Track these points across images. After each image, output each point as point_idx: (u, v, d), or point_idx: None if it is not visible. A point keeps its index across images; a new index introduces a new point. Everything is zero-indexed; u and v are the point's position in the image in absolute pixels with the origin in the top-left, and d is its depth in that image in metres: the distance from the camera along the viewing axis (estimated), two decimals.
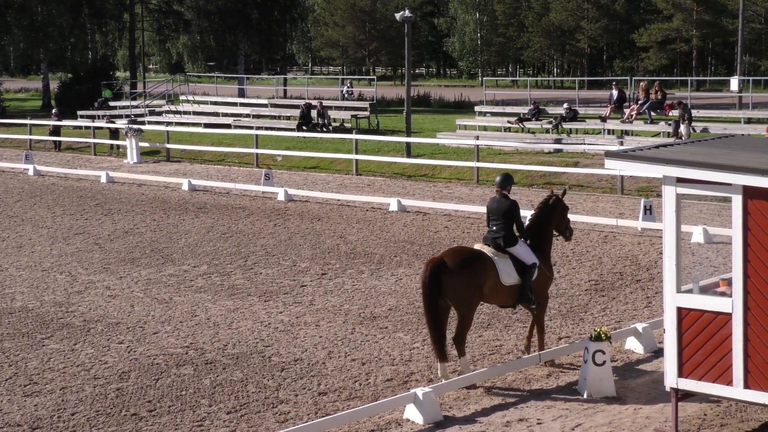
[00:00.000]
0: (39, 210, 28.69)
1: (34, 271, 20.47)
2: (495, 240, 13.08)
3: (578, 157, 34.19)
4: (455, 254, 12.80)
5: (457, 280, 12.44)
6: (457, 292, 12.50)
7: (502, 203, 13.22)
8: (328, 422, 11.38)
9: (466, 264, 12.59)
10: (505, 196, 13.30)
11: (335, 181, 34.04)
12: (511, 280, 12.95)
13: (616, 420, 11.57)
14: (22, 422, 11.95)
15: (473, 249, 13.18)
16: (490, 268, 12.75)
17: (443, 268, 12.47)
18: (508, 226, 13.11)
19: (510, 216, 13.13)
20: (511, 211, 13.14)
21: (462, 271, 12.50)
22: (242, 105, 53.96)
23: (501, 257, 12.94)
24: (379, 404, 11.96)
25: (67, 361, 14.35)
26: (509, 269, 12.92)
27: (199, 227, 25.23)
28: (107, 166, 39.36)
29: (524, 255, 13.10)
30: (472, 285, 12.57)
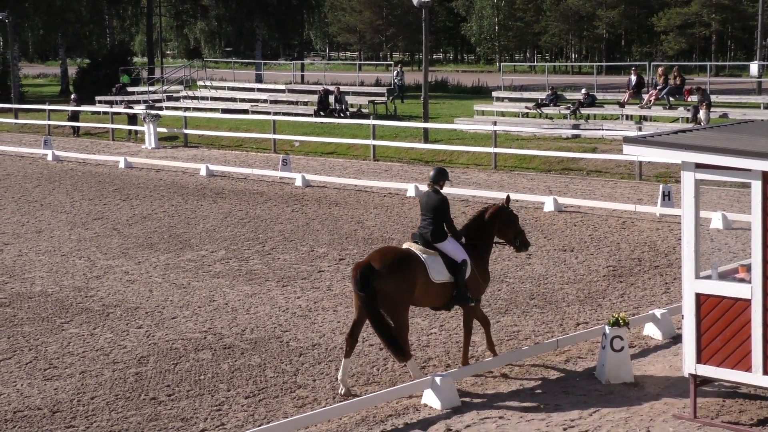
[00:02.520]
0: (58, 195, 28.80)
1: (53, 255, 20.56)
2: (423, 236, 12.59)
3: (596, 142, 34.07)
4: (382, 256, 12.21)
5: (389, 285, 11.88)
6: (391, 296, 11.92)
7: (431, 198, 12.73)
8: (346, 407, 11.41)
9: (395, 265, 12.04)
10: (436, 191, 12.81)
11: (353, 166, 34.04)
12: (441, 277, 12.38)
13: (635, 406, 11.56)
14: (42, 405, 12.03)
15: (400, 249, 12.67)
16: (419, 267, 12.21)
17: (371, 271, 11.86)
18: (436, 221, 12.61)
19: (439, 211, 12.62)
20: (439, 207, 12.62)
21: (392, 273, 11.94)
22: (260, 90, 53.94)
23: (430, 254, 12.42)
24: (396, 389, 11.98)
25: (86, 345, 14.42)
26: (439, 266, 12.37)
27: (217, 212, 25.29)
28: (125, 151, 39.47)
29: (453, 251, 12.57)
30: (403, 288, 12.02)
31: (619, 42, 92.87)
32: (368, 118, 38.91)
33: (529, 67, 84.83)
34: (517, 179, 30.16)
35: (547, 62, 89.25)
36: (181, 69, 64.25)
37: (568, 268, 18.60)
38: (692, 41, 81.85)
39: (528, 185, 28.84)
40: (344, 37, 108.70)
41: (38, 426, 11.41)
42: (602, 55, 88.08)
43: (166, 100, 53.17)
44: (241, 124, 43.68)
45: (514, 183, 29.31)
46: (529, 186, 28.68)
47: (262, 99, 50.86)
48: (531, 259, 19.34)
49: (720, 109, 36.08)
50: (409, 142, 36.10)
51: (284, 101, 50.19)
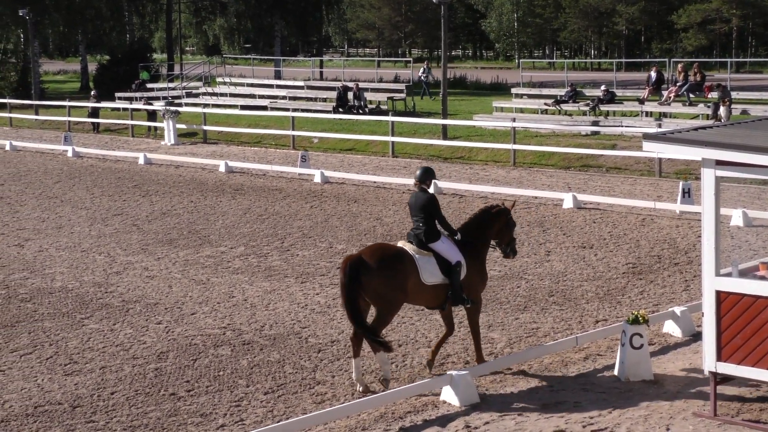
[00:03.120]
0: (78, 191, 28.92)
1: (73, 251, 20.65)
2: (417, 236, 12.41)
3: (616, 139, 33.97)
4: (374, 251, 12.10)
5: (377, 280, 11.79)
6: (378, 292, 11.83)
7: (419, 197, 12.56)
8: (365, 403, 11.42)
9: (386, 262, 11.92)
10: (423, 190, 12.66)
11: (371, 163, 34.05)
12: (433, 279, 12.22)
13: (654, 404, 11.52)
14: (63, 400, 12.09)
15: (394, 246, 12.53)
16: (410, 267, 12.07)
17: (362, 265, 11.79)
18: (428, 220, 12.42)
19: (428, 210, 12.43)
20: (429, 205, 12.45)
21: (382, 269, 11.83)
22: (278, 87, 54.03)
23: (423, 255, 12.25)
24: (415, 386, 11.98)
25: (106, 340, 14.48)
26: (432, 267, 12.21)
27: (236, 209, 25.34)
28: (145, 147, 39.58)
29: (447, 252, 12.40)
30: (392, 284, 11.91)
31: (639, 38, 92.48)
32: (387, 114, 38.88)
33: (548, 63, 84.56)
34: (536, 176, 30.10)
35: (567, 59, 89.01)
36: (201, 65, 64.40)
37: (588, 265, 18.55)
38: (713, 37, 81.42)
39: (547, 182, 28.77)
40: (363, 34, 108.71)
41: (59, 421, 11.47)
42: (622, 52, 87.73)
43: (186, 97, 53.30)
44: (260, 121, 43.74)
45: (533, 180, 29.26)
46: (548, 183, 28.61)
47: (281, 95, 50.93)
48: (550, 256, 19.31)
49: (740, 106, 35.91)
50: (428, 139, 36.08)
51: (303, 98, 50.26)
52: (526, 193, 26.14)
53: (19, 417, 11.59)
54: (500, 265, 18.54)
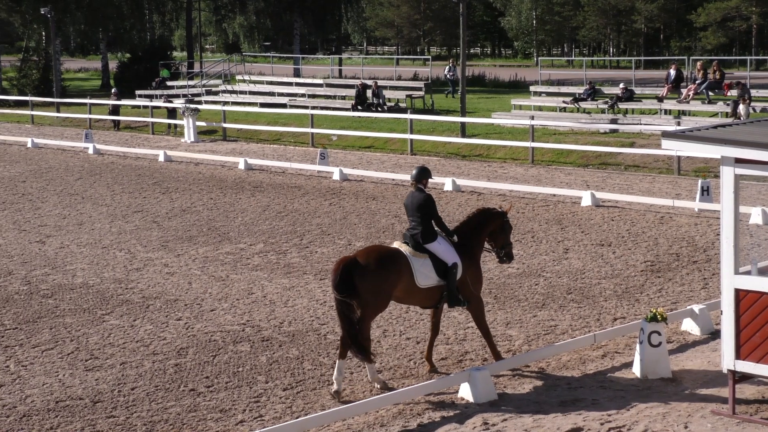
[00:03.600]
0: (99, 188, 29.03)
1: (94, 248, 20.74)
2: (413, 236, 12.31)
3: (634, 137, 33.86)
4: (369, 253, 11.99)
5: (371, 282, 11.69)
6: (370, 294, 11.73)
7: (416, 197, 12.47)
8: (383, 400, 11.43)
9: (380, 264, 11.81)
10: (420, 189, 12.55)
11: (390, 160, 34.04)
12: (428, 281, 12.13)
13: (672, 401, 11.49)
14: (84, 396, 12.15)
15: (389, 248, 12.38)
16: (404, 270, 11.97)
17: (355, 267, 11.70)
18: (424, 221, 12.34)
19: (425, 210, 12.35)
20: (425, 205, 12.36)
21: (374, 272, 11.73)
22: (298, 85, 54.07)
23: (419, 257, 12.15)
24: (433, 383, 12.00)
25: (126, 336, 14.54)
26: (427, 270, 12.10)
27: (255, 206, 25.39)
28: (165, 145, 39.70)
29: (444, 253, 12.28)
30: (382, 288, 11.82)
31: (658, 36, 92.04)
32: (405, 112, 38.86)
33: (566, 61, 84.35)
34: (554, 174, 30.04)
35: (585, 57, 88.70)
36: (220, 63, 64.51)
37: (606, 263, 18.51)
38: (732, 35, 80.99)
39: (565, 180, 28.71)
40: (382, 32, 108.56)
41: (80, 415, 11.53)
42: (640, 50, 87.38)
43: (205, 94, 53.42)
44: (279, 118, 43.81)
45: (551, 177, 29.20)
46: (566, 180, 28.55)
47: (300, 93, 50.97)
48: (568, 254, 19.28)
49: (760, 104, 35.75)
50: (447, 137, 36.05)
51: (322, 95, 50.28)
52: (544, 191, 26.10)
53: (41, 412, 11.66)
54: (519, 263, 18.52)
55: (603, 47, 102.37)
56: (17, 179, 31.28)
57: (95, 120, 48.42)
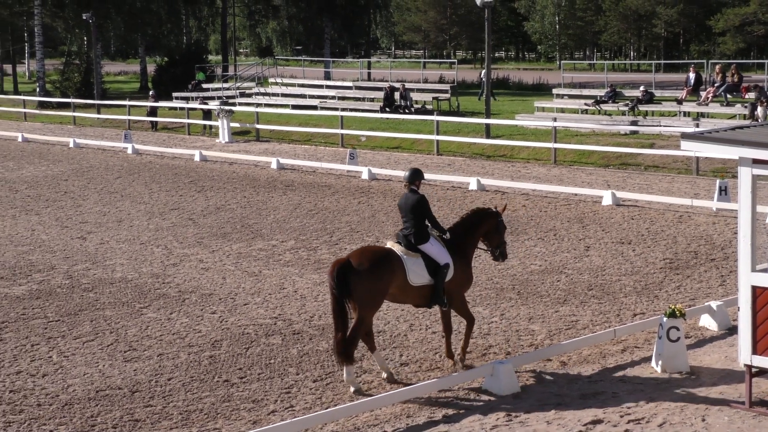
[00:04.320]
0: (137, 186, 29.17)
1: (132, 244, 20.84)
2: (406, 237, 12.12)
3: (654, 138, 33.68)
4: (362, 255, 11.83)
5: (364, 282, 11.54)
6: (364, 294, 11.60)
7: (409, 198, 12.26)
8: (410, 391, 11.43)
9: (373, 265, 11.65)
10: (413, 191, 12.34)
11: (417, 160, 34.01)
12: (420, 280, 11.97)
13: (690, 395, 11.43)
14: (123, 386, 12.22)
15: (381, 248, 12.26)
16: (397, 269, 11.82)
17: (349, 269, 11.55)
18: (417, 222, 12.14)
19: (418, 211, 12.15)
20: (419, 206, 12.16)
21: (368, 272, 11.58)
22: (328, 87, 54.12)
23: (411, 256, 11.96)
24: (459, 375, 11.99)
25: (163, 329, 14.61)
26: (419, 269, 11.93)
27: (287, 204, 25.44)
28: (200, 145, 39.85)
29: (436, 254, 12.09)
30: (377, 287, 11.67)
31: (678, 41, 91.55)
32: (432, 114, 38.83)
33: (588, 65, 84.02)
34: (576, 174, 29.93)
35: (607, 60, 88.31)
36: (254, 67, 64.65)
37: (626, 260, 18.43)
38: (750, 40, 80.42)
39: (587, 179, 28.61)
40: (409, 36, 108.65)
41: (119, 404, 11.60)
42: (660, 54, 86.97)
43: (239, 97, 53.56)
44: (310, 120, 43.87)
45: (573, 177, 29.10)
46: (587, 180, 28.45)
47: (331, 95, 51.01)
48: (589, 251, 19.21)
49: None
50: (472, 138, 35.98)
51: (351, 98, 50.30)
52: (566, 191, 26.02)
53: (82, 400, 11.74)
54: (541, 260, 18.48)
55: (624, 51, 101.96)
56: (60, 178, 31.49)
57: (134, 121, 48.66)
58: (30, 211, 25.21)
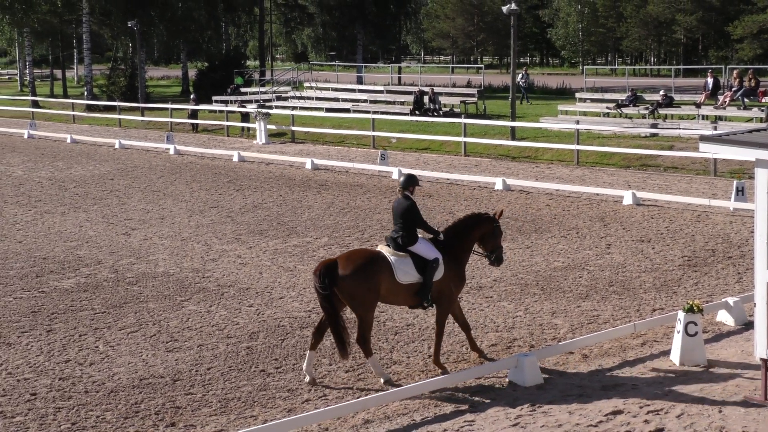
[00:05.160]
0: (178, 185, 29.32)
1: (174, 240, 20.96)
2: (395, 240, 11.94)
3: (673, 140, 33.46)
4: (349, 257, 11.71)
5: (350, 285, 11.44)
6: (352, 295, 11.49)
7: (401, 204, 12.07)
8: (437, 382, 11.43)
9: (360, 266, 11.51)
10: (406, 196, 12.12)
11: (445, 161, 33.99)
12: (408, 278, 11.75)
13: (707, 387, 11.36)
14: (165, 374, 12.30)
15: (370, 250, 12.13)
16: (384, 269, 11.65)
17: (335, 270, 11.45)
18: (407, 226, 11.93)
19: (408, 216, 11.95)
20: (408, 212, 11.96)
21: (354, 273, 11.44)
22: (360, 91, 54.14)
23: (399, 256, 11.80)
24: (484, 367, 11.98)
25: (203, 321, 14.69)
26: (407, 267, 11.73)
27: (321, 203, 25.49)
28: (239, 146, 39.98)
29: (425, 251, 11.89)
30: (366, 287, 11.49)
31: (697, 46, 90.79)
32: (460, 116, 38.77)
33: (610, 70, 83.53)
34: (598, 174, 29.79)
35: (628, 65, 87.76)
36: (290, 71, 64.80)
37: (646, 258, 18.33)
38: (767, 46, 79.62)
39: (608, 180, 28.46)
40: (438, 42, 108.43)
41: (161, 392, 11.67)
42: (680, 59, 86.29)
43: (276, 100, 53.67)
44: (343, 122, 43.91)
45: (595, 178, 28.96)
46: (609, 181, 28.31)
47: (363, 99, 51.03)
48: (610, 249, 19.12)
49: None
50: (498, 139, 35.90)
51: (383, 101, 50.30)
52: (588, 191, 25.91)
53: (127, 388, 11.83)
54: (564, 257, 18.43)
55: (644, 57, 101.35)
56: (106, 177, 31.72)
57: (176, 123, 48.91)
58: (78, 208, 25.41)
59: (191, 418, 10.91)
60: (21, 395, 11.61)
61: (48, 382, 12.04)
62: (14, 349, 13.41)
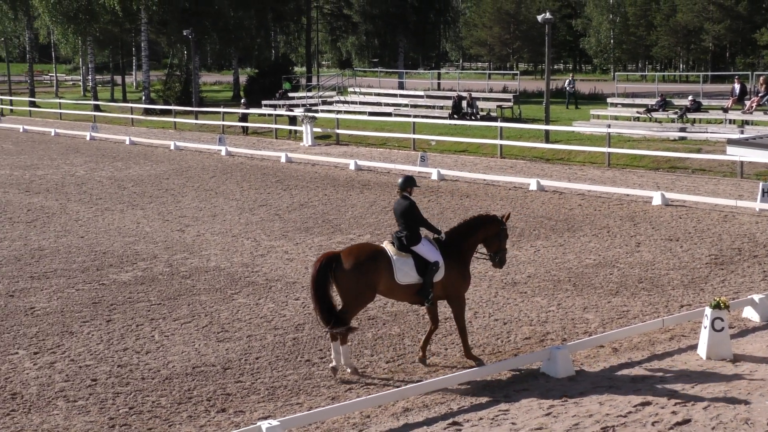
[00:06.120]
0: (229, 185, 29.47)
1: (225, 236, 21.06)
2: (399, 239, 11.68)
3: (701, 144, 33.10)
4: (351, 252, 11.51)
5: (348, 277, 11.30)
6: (348, 289, 11.36)
7: (401, 204, 11.85)
8: (473, 373, 11.40)
9: (361, 262, 11.33)
10: (405, 197, 11.90)
11: (482, 163, 33.88)
12: (408, 279, 11.52)
13: (733, 380, 11.22)
14: (216, 363, 12.36)
15: (374, 246, 11.76)
16: (384, 268, 11.43)
17: (337, 264, 11.33)
18: (409, 225, 11.71)
19: (409, 216, 11.73)
20: (409, 212, 11.74)
21: (354, 268, 11.30)
22: (401, 96, 54.13)
23: (402, 256, 11.54)
24: (518, 359, 11.92)
25: (252, 313, 14.74)
26: (407, 268, 11.50)
27: (364, 202, 25.50)
28: (286, 148, 40.12)
29: (427, 253, 11.61)
30: (362, 283, 11.35)
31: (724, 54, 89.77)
32: (496, 120, 38.63)
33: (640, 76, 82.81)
34: (628, 176, 29.54)
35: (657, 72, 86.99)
36: (335, 77, 64.95)
37: (674, 256, 18.14)
38: None
39: (638, 181, 28.21)
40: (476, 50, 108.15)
41: (212, 380, 11.74)
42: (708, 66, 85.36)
43: (322, 104, 53.85)
44: (385, 125, 43.92)
45: (625, 179, 28.72)
46: (639, 182, 28.06)
47: (404, 103, 51.00)
48: (640, 247, 18.94)
49: None
50: (532, 142, 35.72)
51: (423, 105, 50.24)
52: (619, 191, 25.71)
53: (180, 375, 11.91)
54: (595, 255, 18.29)
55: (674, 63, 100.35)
56: (162, 177, 31.97)
57: (227, 126, 49.19)
58: (136, 206, 25.63)
59: (240, 404, 10.96)
60: (83, 381, 11.74)
61: (107, 369, 12.16)
62: (76, 337, 13.56)
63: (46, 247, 19.95)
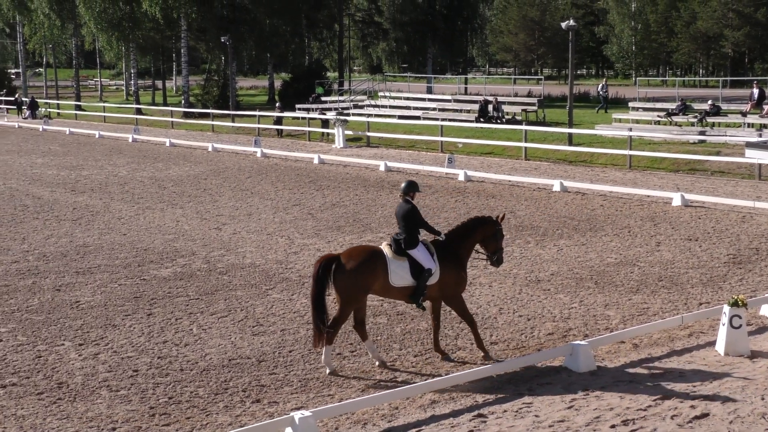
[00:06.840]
0: (264, 185, 29.58)
1: (260, 234, 21.14)
2: (397, 242, 11.63)
3: (720, 147, 32.81)
4: (350, 254, 11.47)
5: (347, 280, 11.26)
6: (345, 290, 11.33)
7: (402, 208, 11.81)
8: (497, 367, 11.38)
9: (358, 264, 11.31)
10: (407, 201, 11.84)
11: (507, 164, 33.78)
12: (402, 282, 11.50)
13: (750, 375, 11.12)
14: (251, 355, 12.42)
15: (371, 248, 11.69)
16: (380, 270, 11.40)
17: (337, 265, 11.31)
18: (408, 229, 11.65)
19: (409, 220, 11.67)
20: (409, 215, 11.68)
21: (354, 270, 11.27)
22: (430, 100, 54.06)
23: (398, 259, 11.51)
24: (541, 354, 11.88)
25: (286, 308, 14.79)
26: (402, 272, 11.47)
27: (393, 202, 25.49)
28: (319, 150, 40.20)
29: (422, 259, 11.56)
30: (358, 285, 11.30)
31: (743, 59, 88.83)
32: (521, 124, 38.49)
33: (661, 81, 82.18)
34: (648, 178, 29.34)
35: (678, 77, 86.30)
36: (365, 82, 65.00)
37: (693, 255, 18.00)
38: None
39: (658, 183, 28.01)
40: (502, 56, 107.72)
41: (248, 371, 11.79)
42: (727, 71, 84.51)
43: (353, 108, 53.88)
44: (414, 128, 43.89)
45: (646, 181, 28.53)
46: (659, 184, 27.86)
47: (432, 107, 50.95)
48: (660, 247, 18.81)
49: None
50: (556, 145, 35.56)
51: (450, 109, 50.16)
52: (640, 192, 25.54)
53: (217, 367, 11.98)
54: (616, 253, 18.19)
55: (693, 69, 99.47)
56: (200, 177, 32.15)
57: (262, 129, 49.37)
58: (175, 205, 25.79)
59: (275, 395, 11.01)
60: (124, 371, 11.84)
61: (148, 360, 12.25)
62: (119, 330, 13.68)
63: (91, 244, 20.13)
